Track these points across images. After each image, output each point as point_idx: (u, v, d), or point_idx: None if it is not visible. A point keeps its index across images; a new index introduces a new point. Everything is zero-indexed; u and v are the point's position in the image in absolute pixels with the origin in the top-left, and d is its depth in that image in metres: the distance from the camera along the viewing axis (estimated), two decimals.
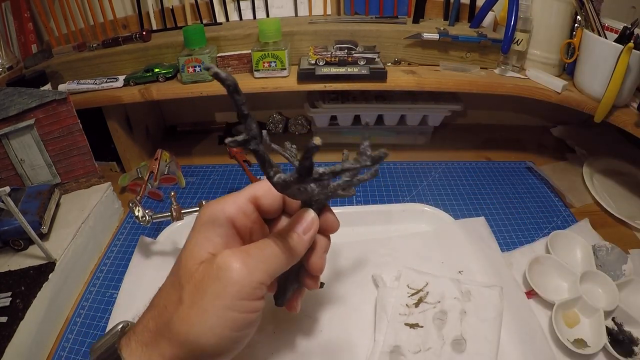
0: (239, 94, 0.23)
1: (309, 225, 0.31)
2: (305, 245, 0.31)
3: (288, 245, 0.30)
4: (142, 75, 0.65)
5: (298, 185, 0.27)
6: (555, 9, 0.63)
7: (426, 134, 0.80)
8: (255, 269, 0.27)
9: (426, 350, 0.39)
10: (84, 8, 0.70)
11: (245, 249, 0.29)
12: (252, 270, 0.27)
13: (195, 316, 0.26)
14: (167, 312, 0.27)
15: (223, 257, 0.27)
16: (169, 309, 0.27)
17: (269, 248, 0.29)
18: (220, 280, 0.26)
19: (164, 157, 0.69)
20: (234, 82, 0.22)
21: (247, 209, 0.31)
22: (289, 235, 0.30)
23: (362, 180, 0.34)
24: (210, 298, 0.26)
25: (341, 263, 0.50)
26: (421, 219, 0.57)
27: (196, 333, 0.26)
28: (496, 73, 0.67)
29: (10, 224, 0.47)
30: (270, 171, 0.26)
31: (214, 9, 0.73)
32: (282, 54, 0.62)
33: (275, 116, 0.84)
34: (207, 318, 0.26)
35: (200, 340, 0.26)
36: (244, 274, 0.27)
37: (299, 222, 0.31)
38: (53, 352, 0.44)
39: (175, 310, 0.27)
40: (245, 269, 0.27)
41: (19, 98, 0.53)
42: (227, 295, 0.26)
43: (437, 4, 0.73)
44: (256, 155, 0.26)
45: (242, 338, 0.28)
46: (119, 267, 0.54)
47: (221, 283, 0.26)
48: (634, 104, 0.58)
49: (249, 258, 0.28)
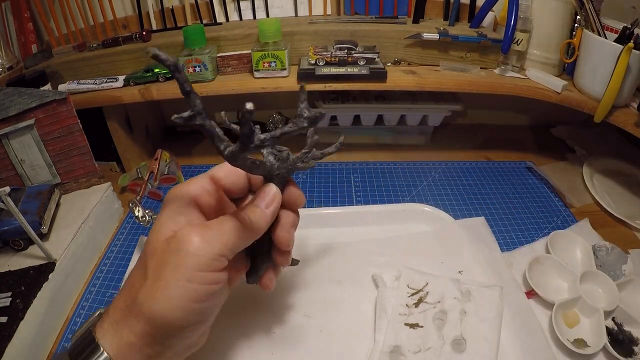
0: (179, 72, 0.24)
1: (271, 199, 0.32)
2: (267, 220, 0.31)
3: (249, 219, 0.30)
4: (142, 75, 0.65)
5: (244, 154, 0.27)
6: (555, 9, 0.63)
7: (426, 134, 0.80)
8: (214, 241, 0.28)
9: (426, 350, 0.39)
10: (84, 8, 0.70)
11: (206, 224, 0.30)
12: (211, 243, 0.28)
13: (158, 290, 0.27)
14: (134, 289, 0.28)
15: (182, 232, 0.28)
16: (136, 286, 0.28)
17: (228, 222, 0.30)
18: (179, 252, 0.27)
19: (164, 157, 0.69)
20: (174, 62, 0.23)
21: (210, 188, 0.32)
22: (250, 209, 0.31)
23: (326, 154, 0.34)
24: (170, 270, 0.27)
25: (341, 263, 0.50)
26: (421, 219, 0.57)
27: (160, 307, 0.27)
28: (496, 73, 0.67)
29: (10, 224, 0.47)
30: (220, 145, 0.26)
31: (214, 9, 0.73)
32: (282, 54, 0.62)
33: (275, 116, 0.84)
34: (169, 291, 0.27)
35: (165, 313, 0.27)
36: (202, 246, 0.28)
37: (260, 197, 0.32)
38: (53, 352, 0.44)
39: (141, 286, 0.28)
40: (204, 241, 0.28)
41: (19, 98, 0.53)
42: (186, 267, 0.27)
43: (437, 4, 0.73)
44: (204, 130, 0.26)
45: (206, 310, 0.29)
46: (119, 267, 0.54)
47: (180, 255, 0.27)
48: (634, 104, 0.58)
49: (208, 231, 0.28)
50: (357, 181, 0.70)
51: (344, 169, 0.73)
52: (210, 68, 0.63)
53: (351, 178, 0.70)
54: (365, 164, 0.74)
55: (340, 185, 0.69)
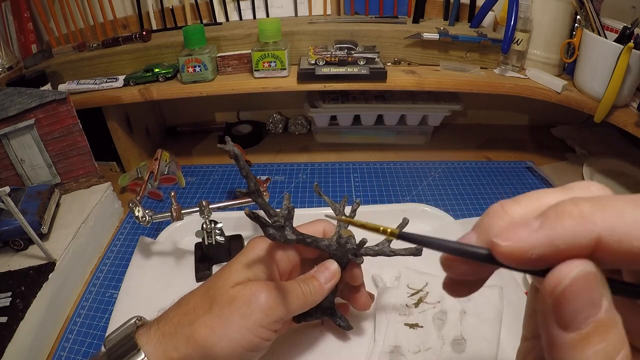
0: (239, 161, 0.30)
1: (331, 275, 0.35)
2: (323, 294, 0.35)
3: (310, 291, 0.34)
4: (142, 75, 0.65)
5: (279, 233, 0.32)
6: (555, 9, 0.63)
7: (426, 134, 0.80)
8: (281, 305, 0.31)
9: (426, 350, 0.39)
10: (84, 8, 0.70)
11: (279, 287, 0.32)
12: (279, 306, 0.31)
13: (219, 326, 0.29)
14: (194, 313, 0.31)
15: (259, 286, 0.31)
16: (197, 312, 0.31)
17: (294, 291, 0.33)
18: (250, 305, 0.30)
19: (164, 157, 0.69)
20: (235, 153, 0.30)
21: (291, 255, 0.36)
22: (311, 282, 0.35)
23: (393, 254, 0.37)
24: (237, 316, 0.30)
25: None
26: (421, 219, 0.57)
27: (214, 340, 0.29)
28: (496, 73, 0.67)
29: (10, 224, 0.47)
30: (266, 229, 0.31)
31: (214, 9, 0.73)
32: (282, 54, 0.62)
33: (275, 116, 0.84)
34: (229, 331, 0.29)
35: (216, 347, 0.29)
36: (272, 306, 0.31)
37: (321, 270, 0.35)
38: (53, 352, 0.44)
39: (203, 314, 0.30)
40: (274, 302, 0.31)
41: (19, 98, 0.53)
42: (252, 319, 0.30)
43: (437, 4, 0.73)
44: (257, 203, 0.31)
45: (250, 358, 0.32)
46: (119, 267, 0.54)
47: (250, 308, 0.30)
48: (634, 104, 0.58)
49: (277, 294, 0.32)
50: (357, 181, 0.70)
51: (344, 169, 0.73)
52: (210, 68, 0.63)
53: (351, 178, 0.70)
54: (365, 164, 0.74)
55: (340, 185, 0.69)
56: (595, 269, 0.15)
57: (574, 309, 0.15)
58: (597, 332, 0.15)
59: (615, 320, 0.15)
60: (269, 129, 0.85)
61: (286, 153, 0.79)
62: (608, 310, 0.15)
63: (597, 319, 0.15)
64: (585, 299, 0.15)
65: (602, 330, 0.15)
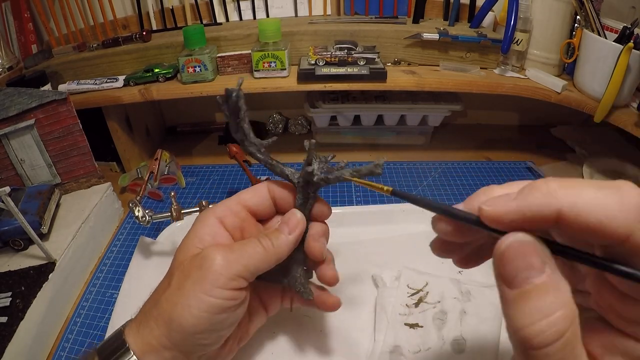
0: None
1: (294, 225, 0.34)
2: (289, 245, 0.33)
3: (271, 244, 0.32)
4: (142, 76, 0.65)
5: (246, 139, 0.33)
6: (555, 9, 0.63)
7: (426, 134, 0.80)
8: (235, 262, 0.31)
9: (426, 350, 0.39)
10: (84, 8, 0.70)
11: (229, 245, 0.32)
12: (232, 263, 0.30)
13: (178, 297, 0.30)
14: (157, 294, 0.32)
15: (207, 250, 0.31)
16: (159, 292, 0.32)
17: (251, 245, 0.32)
18: (202, 268, 0.30)
19: (164, 157, 0.69)
20: None
21: (235, 209, 0.35)
22: (274, 234, 0.33)
23: None
24: (191, 283, 0.30)
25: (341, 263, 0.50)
26: (421, 219, 0.57)
27: (177, 312, 0.29)
28: (496, 73, 0.67)
29: (10, 224, 0.47)
30: None
31: (214, 9, 0.73)
32: (282, 54, 0.62)
33: (275, 116, 0.84)
34: (187, 299, 0.29)
35: (181, 319, 0.29)
36: (223, 265, 0.30)
37: (284, 222, 0.34)
38: (53, 352, 0.44)
39: (164, 292, 0.31)
40: (225, 261, 0.30)
41: (19, 98, 0.53)
42: (207, 282, 0.30)
43: (437, 4, 0.73)
44: None
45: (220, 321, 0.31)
46: (119, 267, 0.54)
47: (202, 271, 0.30)
48: (633, 104, 0.58)
49: (230, 253, 0.31)
50: None
51: None
52: (210, 68, 0.63)
53: None
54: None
55: (340, 185, 0.69)
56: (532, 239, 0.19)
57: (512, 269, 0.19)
58: (536, 292, 0.18)
59: (557, 285, 0.18)
60: (269, 129, 0.85)
61: (286, 153, 0.79)
62: (550, 275, 0.18)
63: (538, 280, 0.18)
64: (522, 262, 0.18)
65: (541, 291, 0.18)
